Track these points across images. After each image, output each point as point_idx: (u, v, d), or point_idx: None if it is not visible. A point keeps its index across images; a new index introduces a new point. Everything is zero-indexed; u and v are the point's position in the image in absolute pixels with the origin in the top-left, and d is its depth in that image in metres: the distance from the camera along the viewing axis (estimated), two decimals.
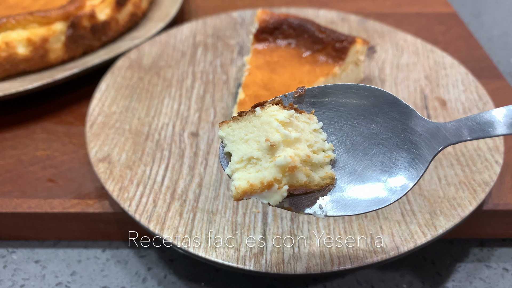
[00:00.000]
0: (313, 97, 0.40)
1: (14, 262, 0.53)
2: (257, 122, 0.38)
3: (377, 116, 0.39)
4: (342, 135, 0.40)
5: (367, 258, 0.45)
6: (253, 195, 0.36)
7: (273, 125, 0.37)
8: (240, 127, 0.38)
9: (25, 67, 0.69)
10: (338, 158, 0.39)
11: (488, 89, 0.66)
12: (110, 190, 0.51)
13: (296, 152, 0.36)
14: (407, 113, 0.38)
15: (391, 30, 0.79)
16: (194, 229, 0.48)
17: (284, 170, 0.35)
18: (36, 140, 0.64)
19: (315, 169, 0.38)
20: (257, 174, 0.36)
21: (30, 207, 0.53)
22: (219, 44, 0.77)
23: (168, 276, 0.52)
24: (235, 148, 0.38)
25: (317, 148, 0.39)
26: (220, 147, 0.39)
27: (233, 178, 0.37)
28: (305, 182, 0.37)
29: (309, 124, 0.39)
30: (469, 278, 0.52)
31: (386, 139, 0.39)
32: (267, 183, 0.35)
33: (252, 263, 0.45)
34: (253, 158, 0.37)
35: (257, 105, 0.39)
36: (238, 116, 0.39)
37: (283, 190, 0.35)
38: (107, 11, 0.75)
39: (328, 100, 0.40)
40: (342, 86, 0.40)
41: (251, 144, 0.37)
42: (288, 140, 0.37)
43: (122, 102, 0.64)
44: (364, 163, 0.39)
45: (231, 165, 0.37)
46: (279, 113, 0.38)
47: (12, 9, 0.73)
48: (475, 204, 0.50)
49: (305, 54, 0.65)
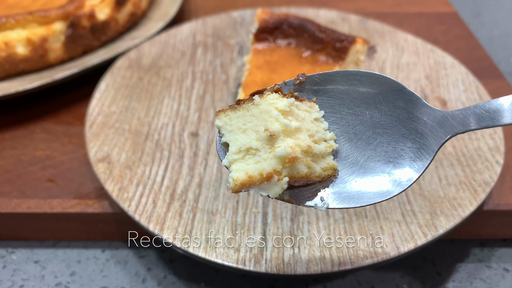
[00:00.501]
0: (314, 84, 0.39)
1: (14, 262, 0.53)
2: (255, 111, 0.36)
3: (381, 104, 0.38)
4: (344, 124, 0.38)
5: (367, 259, 0.45)
6: (251, 187, 0.35)
7: (272, 114, 0.35)
8: (238, 116, 0.37)
9: (24, 67, 0.69)
10: (340, 148, 0.38)
11: (488, 89, 0.66)
12: (109, 190, 0.51)
13: (296, 142, 0.35)
14: (412, 101, 0.37)
15: (391, 29, 0.78)
16: (194, 230, 0.48)
17: (284, 161, 0.34)
18: (36, 140, 0.64)
19: (317, 160, 0.37)
20: (256, 165, 0.35)
21: (29, 207, 0.53)
22: (219, 43, 0.77)
23: (168, 277, 0.52)
24: (233, 138, 0.36)
25: (318, 138, 0.37)
26: (217, 138, 0.38)
27: (231, 169, 0.35)
28: (306, 173, 0.35)
29: (310, 113, 0.38)
30: (469, 279, 0.52)
31: (390, 128, 0.38)
32: (266, 175, 0.34)
33: (252, 264, 0.45)
34: (251, 149, 0.35)
35: (255, 93, 0.37)
36: (236, 104, 0.37)
37: (283, 182, 0.34)
38: (106, 10, 0.75)
39: (330, 88, 0.39)
40: (345, 72, 0.39)
41: (249, 134, 0.36)
42: (288, 130, 0.35)
43: (121, 102, 0.64)
44: (367, 153, 0.37)
45: (229, 156, 0.36)
46: (279, 101, 0.36)
47: (12, 9, 0.73)
48: (476, 204, 0.49)
49: (305, 54, 0.65)
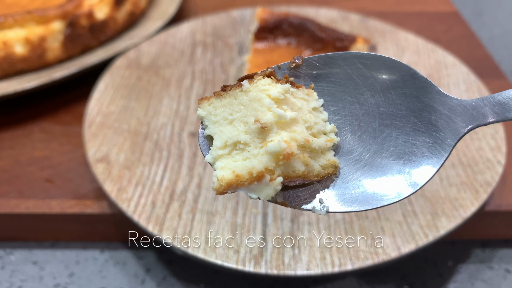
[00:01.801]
0: (312, 68, 0.34)
1: (12, 263, 0.53)
2: (244, 98, 0.31)
3: (389, 91, 0.33)
4: (347, 114, 0.34)
5: (368, 259, 0.45)
6: (239, 188, 0.30)
7: (264, 103, 0.30)
8: (224, 105, 0.32)
9: (23, 66, 0.68)
10: (342, 142, 0.33)
11: (490, 89, 0.66)
12: (108, 191, 0.50)
13: (292, 136, 0.30)
14: (425, 88, 0.32)
15: (392, 29, 0.78)
16: (193, 230, 0.47)
17: (277, 158, 0.29)
18: (34, 140, 0.63)
19: (315, 156, 0.32)
20: (244, 162, 0.30)
21: (28, 207, 0.53)
22: (219, 43, 0.76)
23: (167, 278, 0.51)
24: (218, 131, 0.32)
25: (317, 131, 0.32)
26: (200, 130, 0.33)
27: (215, 167, 0.31)
28: (303, 172, 0.30)
29: (308, 102, 0.33)
30: (471, 280, 0.52)
31: (400, 119, 0.33)
32: (256, 174, 0.29)
33: (252, 265, 0.44)
34: (239, 143, 0.31)
35: (244, 77, 0.32)
36: (222, 91, 0.32)
37: (277, 183, 0.29)
38: (105, 10, 0.74)
39: (330, 72, 0.34)
40: (347, 54, 0.34)
41: (237, 125, 0.31)
42: (283, 121, 0.30)
43: (120, 101, 0.63)
44: (374, 148, 0.33)
45: (213, 152, 0.31)
46: (272, 87, 0.31)
47: (10, 8, 0.72)
48: (477, 205, 0.49)
49: (305, 53, 0.65)
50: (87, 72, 0.71)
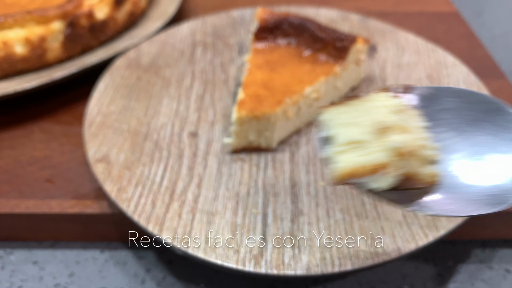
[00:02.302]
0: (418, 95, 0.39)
1: (12, 263, 0.53)
2: (364, 107, 0.37)
3: (484, 123, 0.37)
4: (442, 139, 0.38)
5: (368, 259, 0.45)
6: (356, 178, 0.35)
7: (382, 110, 0.36)
8: (346, 111, 0.38)
9: (22, 66, 0.68)
10: (442, 159, 0.38)
11: (490, 89, 0.66)
12: (108, 191, 0.50)
13: (406, 139, 0.35)
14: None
15: (392, 29, 0.78)
16: (193, 230, 0.47)
17: (396, 154, 0.34)
18: (34, 140, 0.63)
19: (422, 164, 0.36)
20: (365, 156, 0.35)
21: (28, 207, 0.53)
22: (219, 43, 0.76)
23: (167, 278, 0.51)
24: (340, 131, 0.37)
25: (424, 144, 0.37)
26: (317, 133, 0.39)
27: (336, 160, 0.36)
28: (412, 173, 0.35)
29: (415, 120, 0.38)
30: (470, 280, 0.52)
31: (495, 147, 0.37)
32: (375, 166, 0.34)
33: (252, 265, 0.44)
34: (360, 142, 0.35)
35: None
36: (343, 101, 0.38)
37: (391, 175, 0.34)
38: (105, 10, 0.74)
39: (431, 102, 0.39)
40: (447, 89, 0.39)
41: (358, 127, 0.36)
42: (399, 127, 0.35)
43: (120, 101, 0.63)
44: (471, 167, 0.37)
45: (334, 148, 0.36)
46: (388, 100, 0.37)
47: (10, 8, 0.72)
48: None
49: (305, 53, 0.65)
50: (87, 72, 0.71)
